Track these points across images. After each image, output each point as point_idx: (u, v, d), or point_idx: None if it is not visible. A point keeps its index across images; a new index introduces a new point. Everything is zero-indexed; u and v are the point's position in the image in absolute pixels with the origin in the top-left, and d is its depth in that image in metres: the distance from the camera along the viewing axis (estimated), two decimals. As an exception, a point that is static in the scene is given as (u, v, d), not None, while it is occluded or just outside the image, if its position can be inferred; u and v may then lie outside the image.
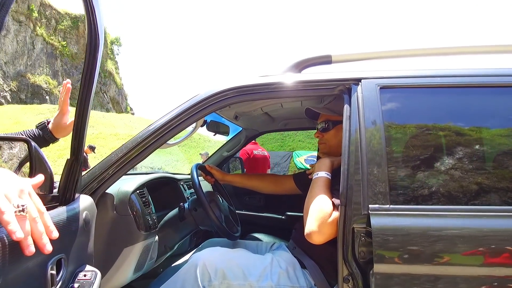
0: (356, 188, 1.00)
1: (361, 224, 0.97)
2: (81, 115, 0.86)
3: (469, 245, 0.90)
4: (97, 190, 1.12)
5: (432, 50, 1.22)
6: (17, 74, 23.92)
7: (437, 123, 1.08)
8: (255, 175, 1.83)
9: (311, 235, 1.02)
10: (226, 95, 1.17)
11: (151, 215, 1.31)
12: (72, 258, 0.83)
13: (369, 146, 1.03)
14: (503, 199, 0.97)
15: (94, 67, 0.80)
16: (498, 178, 1.00)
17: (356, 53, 1.26)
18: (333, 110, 1.35)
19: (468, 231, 0.92)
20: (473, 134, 1.06)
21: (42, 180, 0.68)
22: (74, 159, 0.90)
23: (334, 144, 1.35)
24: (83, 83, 0.82)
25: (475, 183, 1.00)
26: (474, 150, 1.04)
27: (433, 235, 0.92)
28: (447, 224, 0.94)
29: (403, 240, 0.92)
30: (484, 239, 0.90)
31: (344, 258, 0.98)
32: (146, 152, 1.16)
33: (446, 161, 1.03)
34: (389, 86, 1.11)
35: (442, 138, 1.06)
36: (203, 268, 1.16)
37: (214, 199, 1.46)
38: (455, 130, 1.06)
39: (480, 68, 1.13)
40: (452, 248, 0.91)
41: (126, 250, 1.18)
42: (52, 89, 25.43)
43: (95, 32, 0.74)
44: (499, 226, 0.92)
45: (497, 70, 1.11)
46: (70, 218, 0.82)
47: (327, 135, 1.37)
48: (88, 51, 0.78)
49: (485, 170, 1.03)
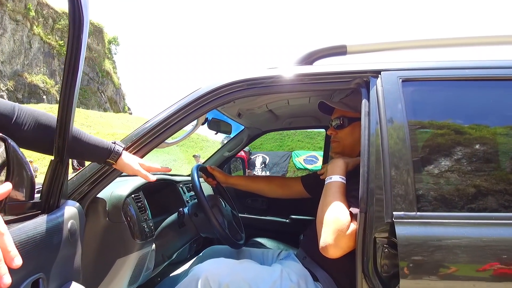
0: (378, 193, 0.89)
1: (384, 234, 0.86)
2: (65, 111, 0.74)
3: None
4: (87, 194, 1.01)
5: (459, 40, 1.11)
6: (14, 73, 23.77)
7: (467, 120, 0.97)
8: (260, 177, 1.72)
9: (327, 248, 0.91)
10: (232, 88, 1.06)
11: (147, 222, 1.19)
12: (54, 276, 0.71)
13: (392, 145, 0.92)
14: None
15: (79, 53, 0.68)
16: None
17: (374, 43, 1.15)
18: (350, 106, 1.24)
19: (507, 241, 0.81)
20: (507, 131, 0.95)
21: (9, 190, 0.55)
22: (58, 160, 0.79)
23: (349, 144, 1.24)
24: (66, 74, 0.70)
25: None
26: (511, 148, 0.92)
27: (469, 246, 0.81)
28: (484, 234, 0.82)
29: (433, 252, 0.81)
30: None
31: (364, 272, 0.87)
32: (142, 152, 1.04)
33: (481, 162, 0.92)
34: (413, 79, 1.00)
35: (474, 136, 0.94)
36: (205, 282, 1.04)
37: (217, 204, 1.34)
38: (488, 127, 0.95)
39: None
40: (491, 261, 0.79)
41: (119, 261, 1.06)
42: (49, 88, 25.27)
43: (78, 10, 0.62)
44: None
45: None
46: (52, 229, 0.70)
47: (341, 133, 1.25)
48: (71, 34, 0.66)
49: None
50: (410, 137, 0.93)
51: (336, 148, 1.28)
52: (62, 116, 0.75)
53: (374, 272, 0.86)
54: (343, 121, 1.24)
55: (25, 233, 0.61)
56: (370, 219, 0.87)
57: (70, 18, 0.63)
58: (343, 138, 1.24)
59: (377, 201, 0.88)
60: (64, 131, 0.76)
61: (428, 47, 1.13)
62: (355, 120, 1.21)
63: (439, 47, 1.12)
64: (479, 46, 1.12)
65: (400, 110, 0.95)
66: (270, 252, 1.40)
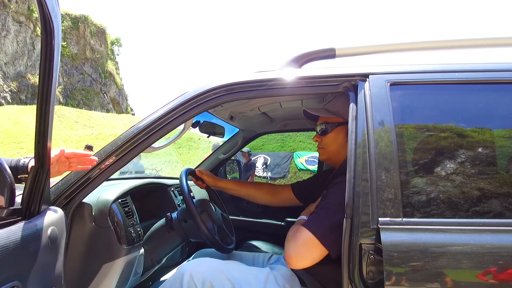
0: (364, 199, 0.87)
1: (369, 240, 0.85)
2: (43, 114, 0.73)
3: (499, 264, 0.77)
4: (73, 199, 1.00)
5: (448, 43, 1.09)
6: (17, 74, 23.87)
7: (455, 124, 0.95)
8: (250, 183, 1.71)
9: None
10: (217, 93, 1.05)
11: (135, 227, 1.18)
12: (32, 284, 0.70)
13: (379, 149, 0.90)
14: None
15: (53, 53, 0.67)
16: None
17: (363, 46, 1.13)
18: (332, 111, 1.23)
19: (498, 248, 0.79)
20: (497, 136, 0.93)
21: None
22: (39, 166, 0.78)
23: (334, 150, 1.23)
24: (42, 75, 0.69)
25: (502, 192, 0.87)
26: (500, 154, 0.91)
27: (454, 252, 0.79)
28: (471, 241, 0.81)
29: (419, 259, 0.80)
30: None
31: (350, 278, 0.86)
32: (128, 157, 1.04)
33: (468, 167, 0.90)
34: (400, 83, 0.99)
35: (462, 140, 0.93)
36: (189, 279, 1.04)
37: (206, 209, 1.33)
38: (475, 132, 0.93)
39: (507, 62, 1.00)
40: (478, 268, 0.78)
41: (105, 267, 1.05)
42: (52, 89, 25.28)
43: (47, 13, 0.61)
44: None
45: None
46: (28, 237, 0.70)
47: (325, 139, 1.24)
48: (44, 36, 0.65)
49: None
50: (398, 141, 0.91)
51: (322, 154, 1.28)
52: (41, 121, 0.74)
53: (359, 278, 0.85)
54: (326, 127, 1.23)
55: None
56: (355, 225, 0.86)
57: (41, 23, 0.62)
58: (328, 144, 1.24)
59: (363, 207, 0.87)
60: (43, 137, 0.75)
61: (416, 50, 1.11)
62: (338, 125, 1.21)
63: (428, 50, 1.11)
64: (467, 49, 1.10)
65: (388, 114, 0.94)
66: (261, 256, 1.39)
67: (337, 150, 1.22)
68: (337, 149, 1.22)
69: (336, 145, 1.22)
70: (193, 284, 1.03)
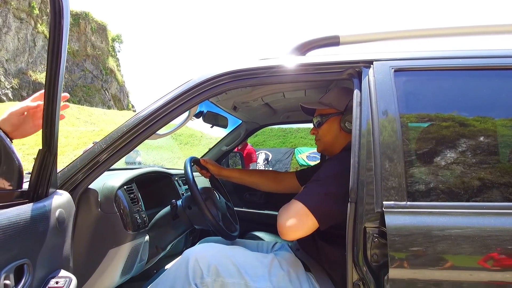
0: (368, 183, 0.88)
1: (373, 223, 0.86)
2: (51, 99, 0.74)
3: (504, 247, 0.78)
4: (79, 185, 1.01)
5: (452, 30, 1.09)
6: (18, 71, 23.88)
7: (460, 110, 0.96)
8: (255, 171, 1.72)
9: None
10: (221, 80, 1.05)
11: (140, 213, 1.19)
12: (41, 263, 0.71)
13: (383, 135, 0.91)
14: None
15: (61, 35, 0.67)
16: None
17: (367, 33, 1.14)
18: (325, 104, 1.25)
19: (502, 231, 0.80)
20: (502, 122, 0.94)
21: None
22: (46, 149, 0.79)
23: (329, 141, 1.25)
24: (50, 59, 0.70)
25: (507, 175, 0.87)
26: (504, 139, 0.91)
27: (458, 235, 0.80)
28: (475, 223, 0.82)
29: (423, 242, 0.81)
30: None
31: (354, 262, 0.87)
32: (133, 143, 1.04)
33: (472, 152, 0.91)
34: (405, 69, 0.99)
35: (466, 126, 0.93)
36: (195, 264, 1.05)
37: (210, 196, 1.34)
38: (480, 118, 0.94)
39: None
40: (481, 251, 0.79)
41: (111, 252, 1.06)
42: (53, 86, 25.29)
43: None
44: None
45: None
46: (37, 217, 0.71)
47: (321, 131, 1.27)
48: (53, 16, 0.66)
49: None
50: (402, 127, 0.92)
51: (319, 146, 1.30)
52: (48, 105, 0.75)
53: (364, 261, 0.86)
54: (321, 118, 1.26)
55: (7, 218, 0.62)
56: (360, 208, 0.87)
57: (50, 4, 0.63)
58: (323, 135, 1.26)
59: (368, 190, 0.88)
60: (51, 120, 0.76)
61: (421, 37, 1.11)
62: (330, 116, 1.23)
63: (432, 37, 1.11)
64: (472, 36, 1.10)
65: (392, 100, 0.95)
66: (265, 244, 1.40)
67: (332, 141, 1.24)
68: (331, 140, 1.24)
69: (330, 136, 1.24)
70: (198, 268, 1.04)
